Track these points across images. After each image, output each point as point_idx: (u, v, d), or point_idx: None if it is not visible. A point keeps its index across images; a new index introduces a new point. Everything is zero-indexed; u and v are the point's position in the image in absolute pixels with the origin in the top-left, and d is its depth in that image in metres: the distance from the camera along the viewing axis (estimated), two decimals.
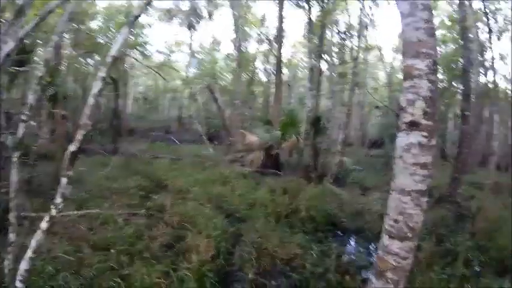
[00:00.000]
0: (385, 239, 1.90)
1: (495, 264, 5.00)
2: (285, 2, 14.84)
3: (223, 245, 4.77)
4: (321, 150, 10.79)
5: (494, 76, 10.47)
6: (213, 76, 21.33)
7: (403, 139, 1.81)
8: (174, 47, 28.34)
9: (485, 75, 14.73)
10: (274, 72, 17.87)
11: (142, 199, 6.70)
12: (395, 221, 1.85)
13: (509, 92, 18.10)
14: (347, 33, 11.64)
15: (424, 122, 1.74)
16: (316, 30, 11.30)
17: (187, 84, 22.03)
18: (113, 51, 2.57)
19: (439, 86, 16.52)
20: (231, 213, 6.50)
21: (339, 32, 11.50)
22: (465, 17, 9.01)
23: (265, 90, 25.41)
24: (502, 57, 16.28)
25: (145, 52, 19.97)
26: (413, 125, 1.76)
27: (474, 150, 13.93)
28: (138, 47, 18.16)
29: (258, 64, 25.24)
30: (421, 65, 1.78)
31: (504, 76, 17.81)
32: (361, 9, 11.10)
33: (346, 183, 10.48)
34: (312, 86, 10.18)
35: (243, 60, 18.66)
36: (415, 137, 1.76)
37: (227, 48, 41.81)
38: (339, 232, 6.75)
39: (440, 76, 16.78)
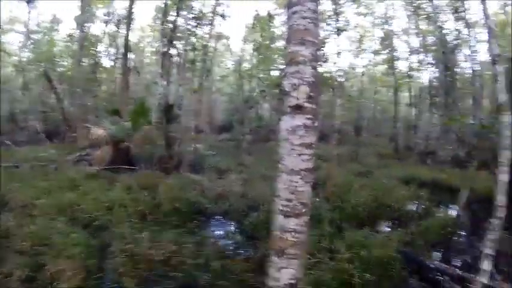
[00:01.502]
0: (280, 219, 1.99)
1: (352, 220, 6.30)
2: None
3: (91, 261, 4.10)
4: (174, 139, 10.57)
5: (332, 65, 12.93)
6: (51, 61, 17.20)
7: (289, 122, 1.91)
8: (7, 25, 21.08)
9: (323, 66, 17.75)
10: (121, 57, 15.94)
11: None
12: (289, 200, 1.96)
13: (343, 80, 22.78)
14: (200, 20, 11.59)
15: (308, 105, 1.88)
16: (169, 15, 10.79)
17: (21, 71, 16.85)
18: None
19: (281, 74, 18.88)
20: (89, 223, 5.60)
21: (192, 18, 11.29)
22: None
23: (111, 77, 22.41)
24: (338, 52, 19.96)
25: None
26: (298, 108, 1.87)
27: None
28: None
29: (103, 47, 21.88)
30: (306, 52, 1.88)
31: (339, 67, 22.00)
32: None
33: (203, 169, 10.77)
34: (163, 73, 9.68)
35: (85, 43, 15.79)
36: (300, 119, 1.88)
37: (69, 28, 34.10)
38: (207, 218, 6.89)
39: (282, 66, 19.35)
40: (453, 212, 8.04)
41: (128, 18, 14.51)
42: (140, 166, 9.36)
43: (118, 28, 20.13)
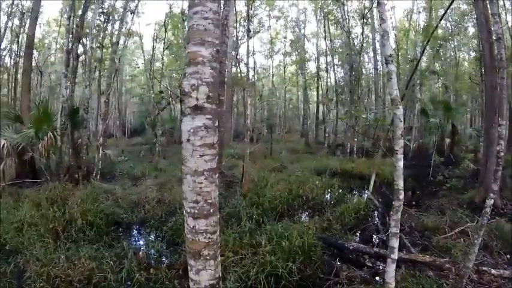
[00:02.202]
0: (190, 221, 1.96)
1: (271, 214, 6.48)
2: None
3: None
4: (82, 146, 9.72)
5: (247, 68, 13.06)
6: None
7: (189, 123, 1.89)
8: None
9: (238, 66, 17.87)
10: (23, 54, 13.76)
11: None
12: (196, 201, 1.94)
13: (256, 80, 23.31)
14: (110, 16, 10.65)
15: (207, 105, 1.87)
16: (78, 8, 9.70)
17: None
18: None
19: None
20: None
21: (102, 13, 10.29)
22: (227, 16, 10.39)
23: (12, 77, 19.25)
24: (251, 53, 20.28)
25: None
26: (198, 109, 1.86)
27: (228, 128, 17.07)
28: None
29: (5, 43, 18.68)
30: (205, 52, 1.87)
31: (251, 68, 22.32)
32: None
33: (115, 177, 10.18)
34: (68, 72, 8.70)
35: None
36: (201, 120, 1.87)
37: None
38: (125, 229, 6.54)
39: None
40: (365, 196, 8.99)
41: (34, 11, 12.68)
42: (47, 178, 8.36)
43: (22, 22, 17.45)
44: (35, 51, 18.37)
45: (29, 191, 7.88)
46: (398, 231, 3.20)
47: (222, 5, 10.31)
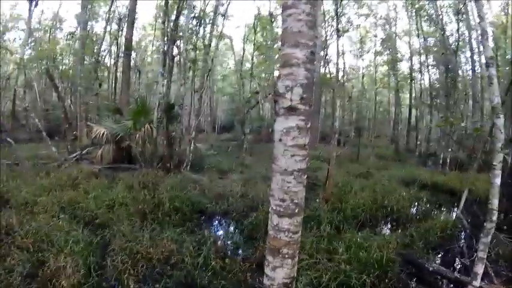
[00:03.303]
0: (274, 219, 2.01)
1: (351, 222, 6.28)
2: None
3: (92, 259, 4.14)
4: (175, 139, 10.62)
5: (337, 67, 12.86)
6: (53, 59, 17.35)
7: (282, 123, 1.93)
8: (9, 22, 21.13)
9: (327, 67, 17.63)
10: (122, 55, 15.98)
11: None
12: (282, 200, 1.98)
13: (345, 81, 22.76)
14: (202, 20, 11.62)
15: (301, 106, 1.89)
16: (171, 13, 10.81)
17: (22, 68, 17.00)
18: None
19: None
20: (90, 221, 5.68)
21: (194, 17, 11.31)
22: (315, 15, 10.47)
23: (113, 75, 22.44)
24: (340, 53, 19.95)
25: None
26: (291, 110, 1.89)
27: (315, 129, 16.86)
28: None
29: (105, 46, 22.08)
30: (300, 54, 1.90)
31: (340, 68, 22.01)
32: None
33: (204, 169, 10.79)
34: (164, 72, 9.72)
35: (87, 41, 15.85)
36: (294, 120, 1.89)
37: (71, 26, 34.38)
38: (207, 218, 6.93)
39: None
40: (453, 214, 8.03)
41: (130, 17, 14.57)
42: (141, 165, 9.40)
43: (119, 27, 20.16)
44: (132, 52, 20.98)
45: (123, 175, 8.75)
46: (485, 257, 2.75)
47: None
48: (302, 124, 1.88)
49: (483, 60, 20.86)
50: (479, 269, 2.72)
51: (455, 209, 8.40)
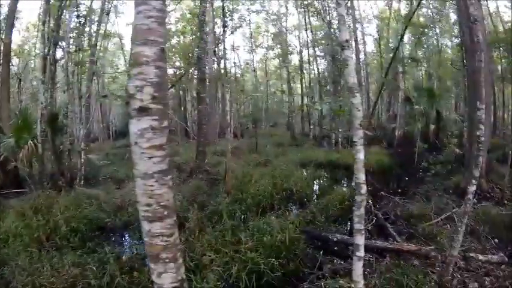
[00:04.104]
0: (145, 225, 1.94)
1: (254, 209, 6.43)
2: None
3: None
4: (63, 152, 9.58)
5: (225, 63, 12.93)
6: None
7: (136, 125, 1.85)
8: None
9: (219, 63, 17.70)
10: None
11: None
12: (148, 204, 1.91)
13: (239, 75, 23.23)
14: (87, 18, 10.41)
15: (153, 106, 1.84)
16: (54, 12, 9.46)
17: None
18: None
19: (177, 72, 18.47)
20: None
21: (78, 16, 10.05)
22: (204, 13, 10.28)
23: None
24: (233, 48, 20.22)
25: None
26: (143, 111, 1.82)
27: (213, 124, 16.90)
28: None
29: None
30: (149, 52, 1.84)
31: (234, 63, 22.35)
32: None
33: (99, 181, 10.08)
34: (46, 78, 8.55)
35: None
36: (147, 121, 1.83)
37: None
38: (108, 233, 6.51)
39: (178, 63, 18.82)
40: (350, 187, 8.95)
41: (9, 19, 12.36)
42: (30, 187, 8.25)
43: None
44: (15, 58, 18.01)
45: (13, 202, 7.74)
46: (363, 227, 3.07)
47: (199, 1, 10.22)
48: (156, 124, 1.83)
49: (367, 49, 23.92)
50: (359, 240, 3.00)
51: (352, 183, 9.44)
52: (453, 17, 16.81)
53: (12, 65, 16.81)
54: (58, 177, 8.85)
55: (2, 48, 11.14)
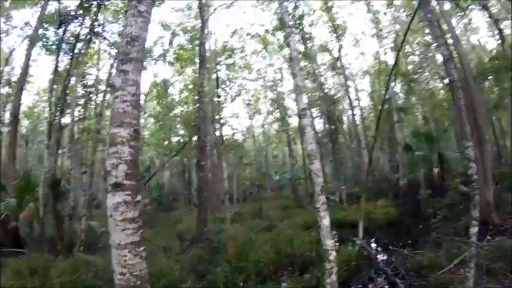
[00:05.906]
0: None
1: (254, 277, 6.23)
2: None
3: None
4: (64, 217, 9.64)
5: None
6: None
7: (111, 199, 2.02)
8: None
9: (220, 129, 18.28)
10: (9, 123, 14.11)
11: None
12: (122, 274, 2.00)
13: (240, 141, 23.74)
14: (94, 87, 11.20)
15: (127, 182, 2.03)
16: (60, 81, 10.20)
17: None
18: None
19: (180, 140, 19.02)
20: None
21: (85, 86, 10.86)
22: (202, 84, 11.01)
23: None
24: (233, 115, 21.13)
25: None
26: (117, 186, 2.01)
27: (216, 191, 16.79)
28: None
29: None
30: (124, 133, 2.08)
31: (234, 129, 23.09)
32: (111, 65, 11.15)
33: (98, 249, 9.93)
34: (51, 143, 9.00)
35: None
36: (121, 196, 2.01)
37: None
38: None
39: (181, 132, 19.45)
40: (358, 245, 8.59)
41: (21, 80, 13.32)
42: (29, 248, 8.23)
43: (10, 88, 18.11)
44: (25, 119, 18.86)
45: (11, 260, 7.67)
46: None
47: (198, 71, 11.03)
48: (129, 199, 2.00)
49: (362, 104, 24.68)
50: None
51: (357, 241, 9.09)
52: (440, 58, 17.33)
53: (21, 126, 17.65)
54: (57, 242, 8.82)
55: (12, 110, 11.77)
